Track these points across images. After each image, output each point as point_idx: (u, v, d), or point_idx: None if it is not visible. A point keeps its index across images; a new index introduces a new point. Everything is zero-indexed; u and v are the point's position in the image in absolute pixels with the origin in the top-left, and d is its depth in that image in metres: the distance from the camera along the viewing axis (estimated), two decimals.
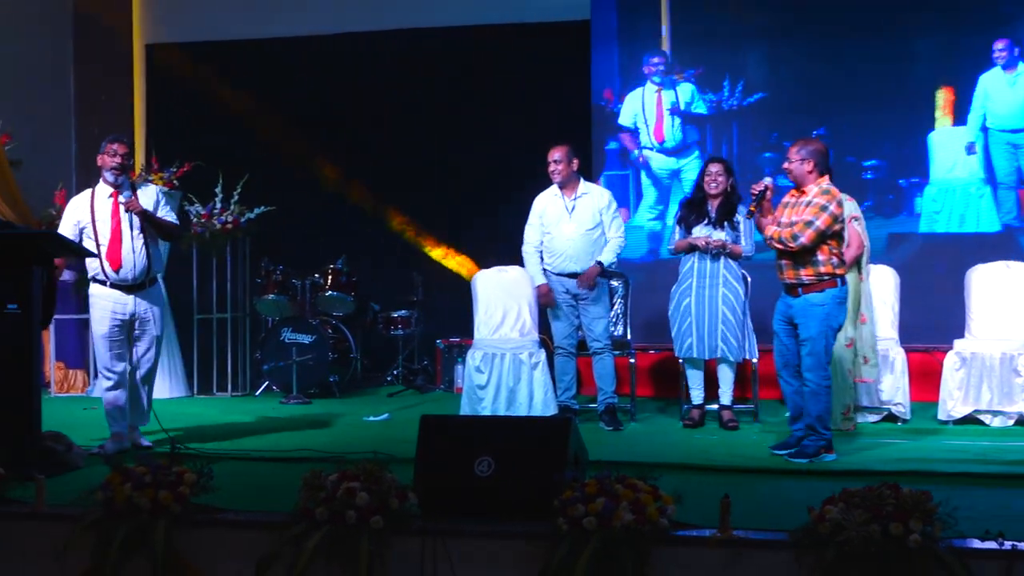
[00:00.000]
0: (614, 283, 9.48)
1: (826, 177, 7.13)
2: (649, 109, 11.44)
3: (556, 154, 8.72)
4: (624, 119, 11.52)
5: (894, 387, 8.60)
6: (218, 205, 10.90)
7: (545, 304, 8.79)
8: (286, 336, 10.75)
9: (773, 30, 11.17)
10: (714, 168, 8.60)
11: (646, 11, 11.41)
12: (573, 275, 8.70)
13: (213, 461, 5.72)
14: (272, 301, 11.05)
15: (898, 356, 8.67)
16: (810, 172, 7.07)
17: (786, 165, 7.21)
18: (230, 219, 10.85)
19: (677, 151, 11.31)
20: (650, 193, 11.44)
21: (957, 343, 8.73)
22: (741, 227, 8.52)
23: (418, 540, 4.97)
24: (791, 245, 6.96)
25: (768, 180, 7.28)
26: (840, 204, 7.02)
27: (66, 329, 11.02)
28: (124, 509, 5.16)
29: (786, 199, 7.28)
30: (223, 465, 6.18)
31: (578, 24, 11.74)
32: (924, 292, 9.09)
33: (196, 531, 5.24)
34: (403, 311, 11.59)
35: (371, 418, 9.26)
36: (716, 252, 8.48)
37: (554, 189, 8.85)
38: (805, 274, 7.01)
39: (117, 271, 7.37)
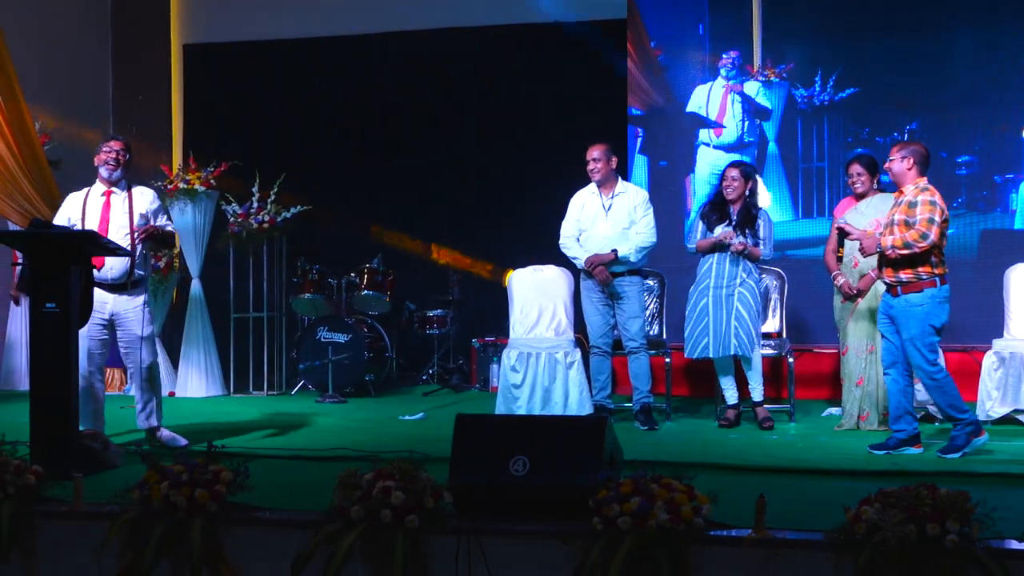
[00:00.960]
0: (649, 282, 9.47)
1: (924, 178, 7.21)
2: (713, 103, 11.34)
3: (595, 152, 8.71)
4: (690, 108, 11.47)
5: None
6: (255, 204, 10.93)
7: (603, 280, 8.65)
8: (322, 335, 10.78)
9: (865, 25, 10.97)
10: (730, 173, 8.64)
11: (737, 7, 11.31)
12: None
13: (249, 460, 5.74)
14: (308, 300, 11.09)
15: None
16: (909, 170, 7.18)
17: (887, 164, 7.35)
18: (267, 218, 10.88)
19: (734, 148, 11.18)
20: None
21: (996, 342, 8.67)
22: (761, 231, 8.52)
23: (453, 539, 4.98)
24: (921, 245, 7.00)
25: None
26: (939, 204, 7.09)
27: None
28: (161, 507, 5.19)
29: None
30: (259, 464, 6.20)
31: (613, 23, 11.73)
32: None
33: (232, 529, 5.26)
34: (439, 310, 11.61)
35: (406, 417, 9.28)
36: (736, 252, 8.47)
37: (592, 187, 8.83)
38: (904, 273, 7.09)
39: (99, 269, 7.31)
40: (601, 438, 5.22)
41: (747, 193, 8.58)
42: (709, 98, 11.33)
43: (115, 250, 7.09)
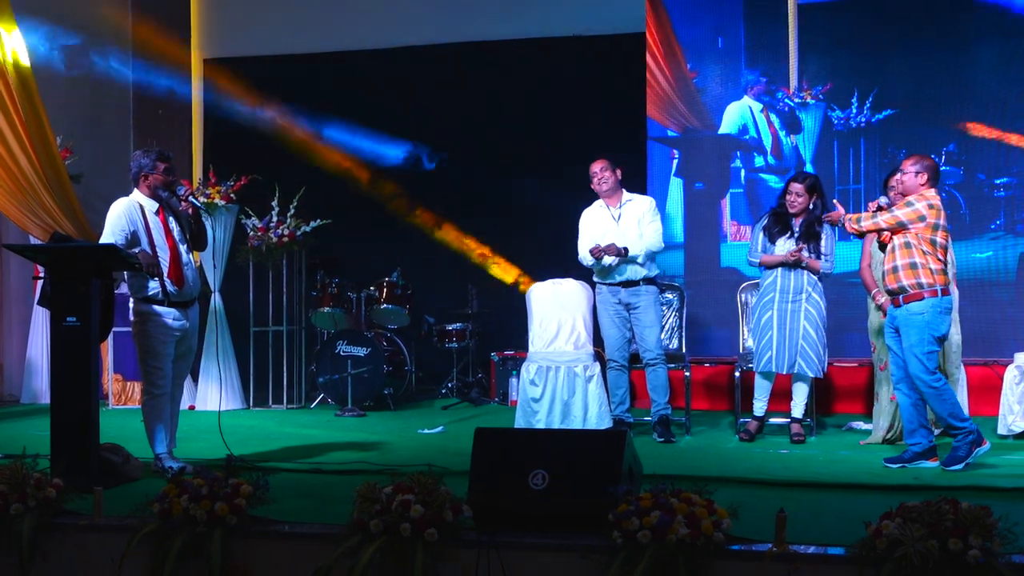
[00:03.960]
0: (668, 295, 9.45)
1: (933, 190, 7.24)
2: (763, 128, 11.30)
3: (596, 167, 8.79)
4: (727, 129, 11.41)
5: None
6: (274, 218, 10.95)
7: (615, 252, 8.59)
8: (341, 349, 10.78)
9: (903, 46, 10.90)
10: (794, 187, 8.54)
11: (774, 27, 11.24)
12: (623, 283, 8.69)
13: (269, 473, 5.75)
14: (327, 314, 11.11)
15: (957, 370, 8.57)
16: (922, 184, 7.21)
17: (899, 176, 7.41)
18: (286, 232, 10.89)
19: (785, 169, 11.07)
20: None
21: (1018, 356, 8.63)
22: (823, 245, 8.46)
23: (472, 553, 4.97)
24: (865, 224, 7.21)
25: (883, 200, 7.67)
26: (932, 207, 7.11)
27: (124, 341, 11.09)
28: (181, 520, 5.21)
29: None
30: (278, 477, 6.21)
31: (632, 37, 11.72)
32: None
33: (252, 542, 5.27)
34: (458, 324, 11.61)
35: (425, 431, 9.27)
36: (793, 257, 8.41)
37: (599, 202, 8.87)
38: (905, 277, 7.14)
39: (182, 288, 7.16)
40: (620, 452, 5.21)
41: (811, 207, 8.55)
42: (756, 124, 11.28)
43: (135, 264, 7.02)
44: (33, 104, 9.80)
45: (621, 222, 8.75)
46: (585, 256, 8.82)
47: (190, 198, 7.28)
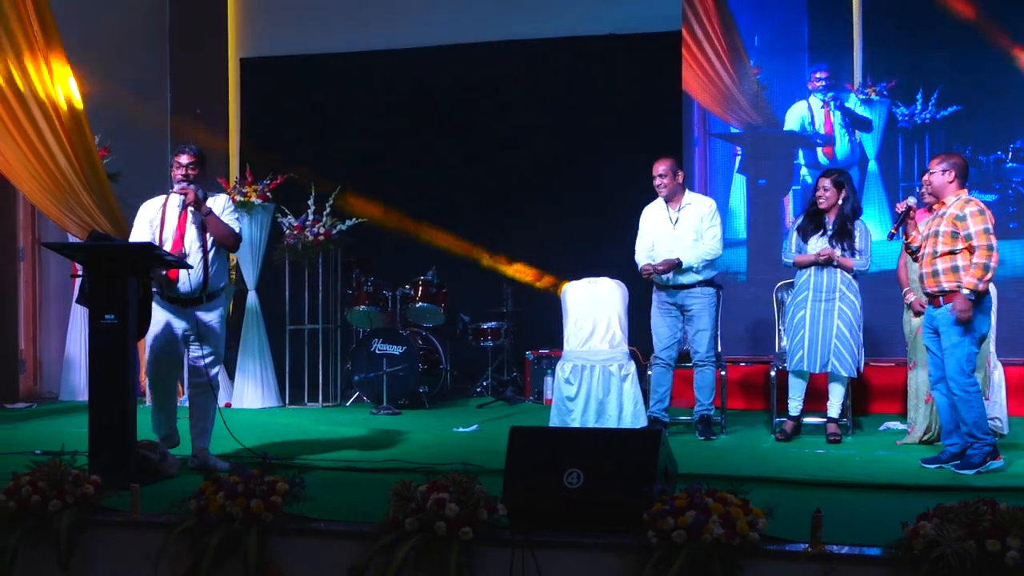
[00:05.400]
0: None
1: (965, 190, 7.16)
2: (819, 121, 11.22)
3: (660, 168, 8.72)
4: (791, 126, 11.31)
5: (991, 401, 8.44)
6: (310, 217, 10.99)
7: (664, 270, 8.67)
8: (376, 347, 10.81)
9: (968, 41, 10.74)
10: (822, 183, 8.51)
11: (838, 24, 11.14)
12: (679, 287, 8.70)
13: (304, 471, 5.76)
14: (363, 312, 11.14)
15: (996, 370, 8.52)
16: (950, 183, 7.12)
17: (927, 177, 7.32)
18: (322, 231, 10.93)
19: (849, 166, 10.88)
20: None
21: None
22: (857, 241, 8.41)
23: (507, 551, 4.97)
24: (994, 258, 6.95)
25: (912, 200, 7.46)
26: (983, 213, 7.01)
27: None
28: (217, 517, 5.23)
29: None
30: (314, 475, 6.23)
31: (669, 35, 11.67)
32: None
33: (288, 540, 5.29)
34: (493, 322, 11.61)
35: (460, 429, 9.28)
36: (824, 257, 8.38)
37: (660, 201, 8.85)
38: (946, 281, 7.04)
39: (175, 282, 7.12)
40: (656, 451, 5.20)
41: (840, 202, 8.51)
42: (813, 115, 11.20)
43: (172, 262, 7.04)
44: (72, 103, 9.87)
45: (678, 226, 8.74)
46: (640, 259, 8.82)
47: (189, 208, 7.24)
